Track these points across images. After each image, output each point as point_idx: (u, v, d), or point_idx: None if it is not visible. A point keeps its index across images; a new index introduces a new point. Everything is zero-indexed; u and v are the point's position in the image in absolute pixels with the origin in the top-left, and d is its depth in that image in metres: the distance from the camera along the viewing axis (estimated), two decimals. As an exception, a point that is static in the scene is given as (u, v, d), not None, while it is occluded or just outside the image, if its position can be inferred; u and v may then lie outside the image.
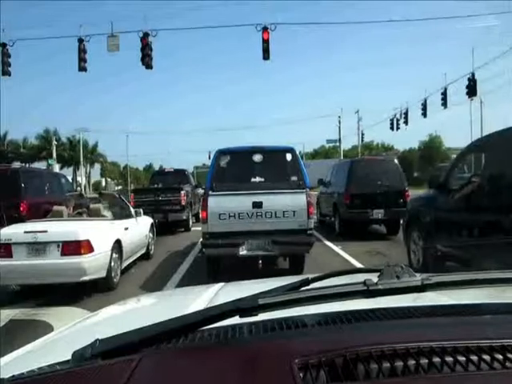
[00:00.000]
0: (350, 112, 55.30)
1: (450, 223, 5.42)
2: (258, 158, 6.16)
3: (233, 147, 6.51)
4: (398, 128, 32.03)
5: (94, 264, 5.34)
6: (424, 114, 26.74)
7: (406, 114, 29.98)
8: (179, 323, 0.75)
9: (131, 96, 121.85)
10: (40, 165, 43.58)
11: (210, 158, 36.95)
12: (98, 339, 0.75)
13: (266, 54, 14.18)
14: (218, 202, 5.85)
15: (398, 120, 31.63)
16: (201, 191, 13.10)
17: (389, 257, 7.61)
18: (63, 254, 5.19)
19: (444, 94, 23.57)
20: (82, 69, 14.69)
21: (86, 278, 5.30)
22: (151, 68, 14.55)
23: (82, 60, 14.57)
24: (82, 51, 14.54)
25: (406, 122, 30.43)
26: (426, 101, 26.43)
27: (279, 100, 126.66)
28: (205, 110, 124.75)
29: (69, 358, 0.76)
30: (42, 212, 7.50)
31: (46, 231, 5.29)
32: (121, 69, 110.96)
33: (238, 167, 6.25)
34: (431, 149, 52.34)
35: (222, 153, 6.28)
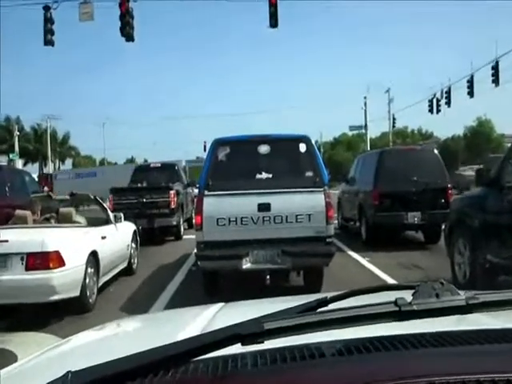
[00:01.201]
0: (379, 92, 55.17)
1: (504, 229, 5.38)
2: (264, 149, 6.16)
3: (233, 136, 6.52)
4: (438, 111, 31.96)
5: (65, 281, 5.37)
6: (470, 94, 26.62)
7: (449, 93, 29.89)
8: (168, 352, 0.76)
9: (109, 77, 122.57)
10: (-1, 160, 43.88)
11: (205, 149, 37.07)
12: (69, 371, 0.76)
13: (272, 21, 14.24)
14: (216, 204, 5.86)
15: (438, 101, 31.55)
16: (194, 191, 13.14)
17: (428, 271, 7.60)
18: (28, 268, 5.23)
19: (495, 69, 23.45)
20: (49, 42, 14.79)
21: (55, 298, 5.33)
22: (133, 40, 14.64)
23: (48, 32, 14.67)
24: (48, 21, 14.65)
25: (448, 103, 30.34)
26: (472, 77, 26.34)
27: (290, 78, 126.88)
28: (199, 92, 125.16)
29: None
30: (1, 217, 7.55)
31: (6, 241, 5.32)
32: (97, 42, 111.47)
33: (239, 161, 6.26)
34: (480, 136, 52.02)
35: (220, 143, 6.30)
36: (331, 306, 0.88)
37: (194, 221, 6.95)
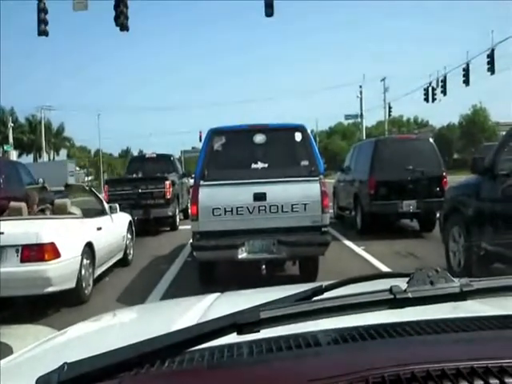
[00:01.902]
0: (375, 80, 55.02)
1: (499, 216, 5.41)
2: (260, 138, 6.15)
3: (229, 126, 6.50)
4: (434, 99, 31.99)
5: (60, 272, 5.37)
6: (466, 82, 26.63)
7: (444, 81, 29.90)
8: (164, 342, 0.76)
9: (104, 67, 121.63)
10: (-8, 151, 43.63)
11: (201, 139, 36.94)
12: (65, 363, 0.76)
13: (269, 9, 14.13)
14: (212, 194, 5.86)
15: (433, 89, 31.53)
16: (190, 181, 13.12)
17: (423, 259, 7.64)
18: (23, 260, 5.22)
19: (491, 57, 23.45)
20: (43, 32, 14.65)
21: (51, 290, 5.33)
22: (127, 29, 14.53)
23: (42, 22, 14.53)
24: (42, 11, 14.50)
25: (443, 92, 30.38)
26: (468, 65, 26.32)
27: (284, 65, 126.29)
28: (195, 81, 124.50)
29: None
30: (-5, 209, 7.52)
31: (1, 233, 5.31)
32: (90, 32, 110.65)
33: (235, 150, 6.25)
34: (475, 124, 52.12)
35: (215, 133, 6.28)
36: (327, 295, 0.88)
37: (189, 211, 6.93)
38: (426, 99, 32.60)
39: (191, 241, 6.14)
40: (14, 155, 41.12)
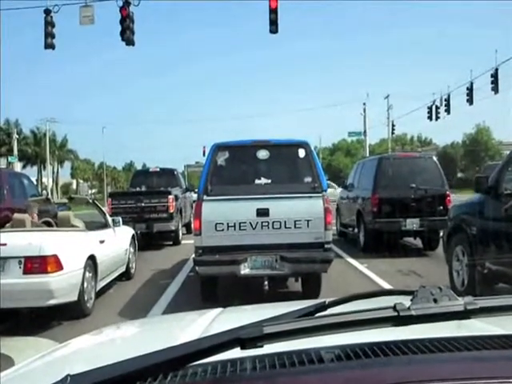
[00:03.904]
0: (378, 98, 55.31)
1: (502, 235, 5.38)
2: (263, 154, 6.17)
3: (233, 141, 6.52)
4: (437, 118, 32.03)
5: (62, 285, 5.35)
6: (470, 101, 26.69)
7: (448, 100, 29.96)
8: (167, 356, 0.76)
9: (108, 80, 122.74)
10: (-3, 163, 43.87)
11: (204, 154, 37.05)
12: (68, 375, 0.76)
13: (273, 27, 14.25)
14: (215, 209, 5.86)
15: (437, 108, 31.62)
16: (193, 196, 13.13)
17: (426, 277, 7.59)
18: (26, 272, 5.21)
19: (494, 77, 23.52)
20: (49, 46, 14.79)
21: (53, 302, 5.31)
22: (133, 44, 14.65)
23: (49, 35, 14.68)
24: (49, 24, 14.66)
25: (447, 111, 30.41)
26: (472, 84, 26.43)
27: (289, 83, 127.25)
28: (199, 96, 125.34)
29: None
30: (-1, 221, 7.54)
31: (4, 244, 5.31)
32: (96, 46, 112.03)
33: (238, 165, 6.27)
34: (478, 143, 52.19)
35: (219, 148, 6.30)
36: (330, 311, 0.88)
37: (192, 226, 6.93)
38: (430, 117, 32.68)
39: (194, 255, 6.13)
40: (18, 167, 41.33)
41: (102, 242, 6.70)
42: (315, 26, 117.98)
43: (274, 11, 14.21)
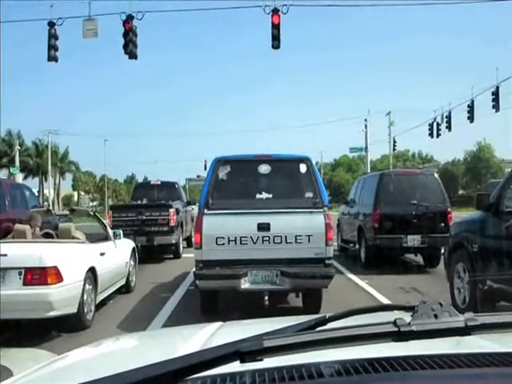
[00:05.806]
0: (380, 114, 55.58)
1: (504, 253, 5.36)
2: (265, 168, 6.19)
3: (234, 155, 6.54)
4: (438, 135, 32.13)
5: (62, 296, 5.33)
6: (471, 118, 26.80)
7: (449, 117, 30.10)
8: (166, 369, 0.76)
9: (111, 92, 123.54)
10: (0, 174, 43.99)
11: (205, 168, 37.15)
12: None
13: (275, 42, 14.37)
14: (215, 223, 5.86)
15: (438, 125, 31.75)
16: (194, 209, 13.13)
17: (427, 294, 7.54)
18: (26, 283, 5.19)
19: (495, 95, 23.64)
20: (52, 58, 14.91)
21: (53, 314, 5.28)
22: (136, 58, 14.77)
23: (52, 47, 14.80)
24: (52, 37, 14.79)
25: (448, 128, 30.53)
26: (473, 102, 26.54)
27: (291, 99, 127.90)
28: (201, 110, 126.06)
29: None
30: (0, 231, 7.54)
31: (5, 255, 5.30)
32: (98, 59, 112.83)
33: (240, 180, 6.28)
34: (480, 160, 52.27)
35: (220, 162, 6.32)
36: (330, 325, 0.88)
37: (193, 239, 6.92)
38: (431, 134, 32.79)
39: (194, 269, 6.11)
40: (19, 178, 41.43)
41: (102, 254, 6.69)
42: (316, 40, 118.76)
43: (276, 27, 14.34)
